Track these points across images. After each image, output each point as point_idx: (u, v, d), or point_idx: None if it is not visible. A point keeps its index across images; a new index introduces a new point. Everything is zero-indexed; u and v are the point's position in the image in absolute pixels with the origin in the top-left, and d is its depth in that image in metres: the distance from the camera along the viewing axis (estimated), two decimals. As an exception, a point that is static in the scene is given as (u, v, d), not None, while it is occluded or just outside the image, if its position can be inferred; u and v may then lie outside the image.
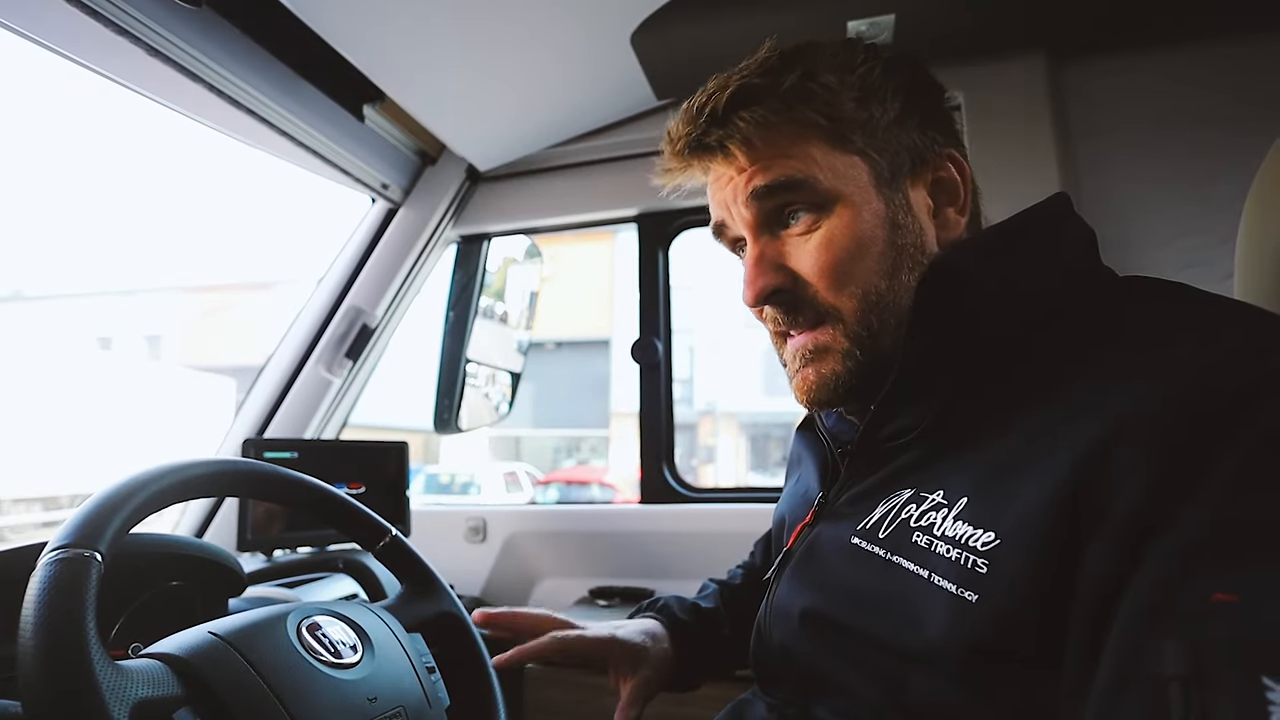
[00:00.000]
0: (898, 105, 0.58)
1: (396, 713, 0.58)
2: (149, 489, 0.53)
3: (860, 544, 0.55)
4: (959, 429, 0.51)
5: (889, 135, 0.58)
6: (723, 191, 0.62)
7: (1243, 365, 0.39)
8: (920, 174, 0.59)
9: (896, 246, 0.57)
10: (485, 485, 10.95)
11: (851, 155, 0.57)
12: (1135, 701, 0.35)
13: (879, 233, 0.56)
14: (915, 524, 0.50)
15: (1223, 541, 0.35)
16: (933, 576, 0.47)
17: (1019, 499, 0.43)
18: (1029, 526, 0.42)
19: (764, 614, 0.65)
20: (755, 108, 0.56)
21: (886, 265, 0.56)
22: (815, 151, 0.56)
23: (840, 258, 0.56)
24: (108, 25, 0.87)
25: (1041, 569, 0.41)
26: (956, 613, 0.44)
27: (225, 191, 28.22)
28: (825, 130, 0.56)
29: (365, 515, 0.73)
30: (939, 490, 0.50)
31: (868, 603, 0.52)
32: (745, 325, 13.14)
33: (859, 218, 0.56)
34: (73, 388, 8.17)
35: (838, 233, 0.56)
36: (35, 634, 0.42)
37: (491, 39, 1.10)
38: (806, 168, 0.56)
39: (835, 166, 0.56)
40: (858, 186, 0.56)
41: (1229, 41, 1.10)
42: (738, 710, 0.64)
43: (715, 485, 7.12)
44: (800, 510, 0.69)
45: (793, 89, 0.56)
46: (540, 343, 15.22)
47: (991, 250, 0.55)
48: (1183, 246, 1.09)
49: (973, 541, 0.45)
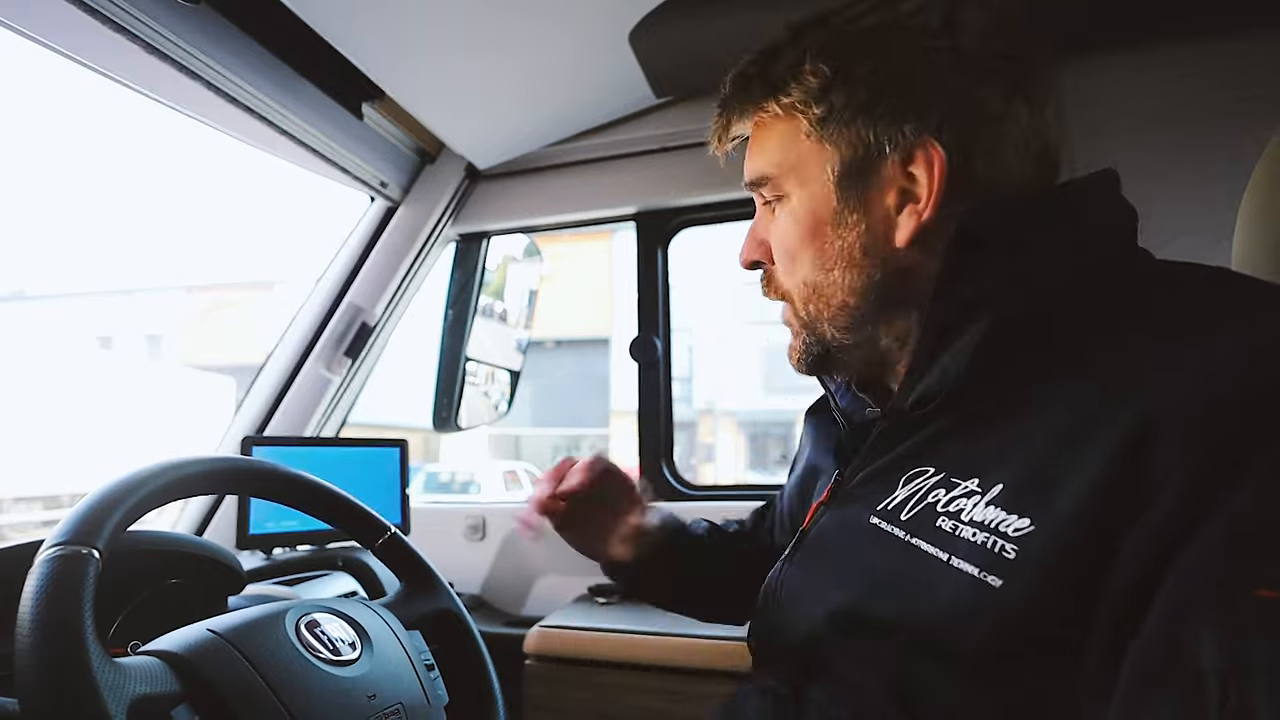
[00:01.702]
0: (865, 94, 0.55)
1: (395, 710, 0.58)
2: (147, 486, 0.53)
3: (880, 524, 0.54)
4: (989, 406, 0.49)
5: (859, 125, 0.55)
6: None
7: (1275, 360, 0.38)
8: (879, 169, 0.55)
9: (835, 245, 0.57)
10: (485, 484, 10.95)
11: (817, 144, 0.57)
12: (1172, 693, 0.34)
13: (823, 228, 0.58)
14: (942, 509, 0.49)
15: (1265, 537, 0.34)
16: (952, 560, 0.46)
17: (1057, 486, 0.42)
18: (1068, 515, 0.41)
19: (773, 589, 0.64)
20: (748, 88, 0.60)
21: (824, 259, 0.58)
22: (783, 138, 0.59)
23: (788, 247, 0.60)
24: (105, 23, 0.87)
25: (1075, 558, 0.40)
26: (977, 597, 0.44)
27: (225, 190, 28.20)
28: (793, 117, 0.58)
29: (364, 512, 0.74)
30: (973, 478, 0.48)
31: (881, 584, 0.51)
32: (744, 323, 13.14)
33: (803, 212, 0.58)
34: (73, 387, 8.17)
35: (786, 224, 0.60)
36: (32, 631, 0.42)
37: (490, 37, 1.10)
38: (766, 163, 0.60)
39: (792, 159, 0.58)
40: (808, 180, 0.58)
41: (1227, 39, 1.10)
42: (734, 701, 0.64)
43: (714, 483, 7.10)
44: (816, 490, 0.69)
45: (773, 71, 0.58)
46: (540, 341, 15.22)
47: (1019, 214, 0.52)
48: (1182, 244, 1.08)
49: (1004, 526, 0.44)
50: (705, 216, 1.44)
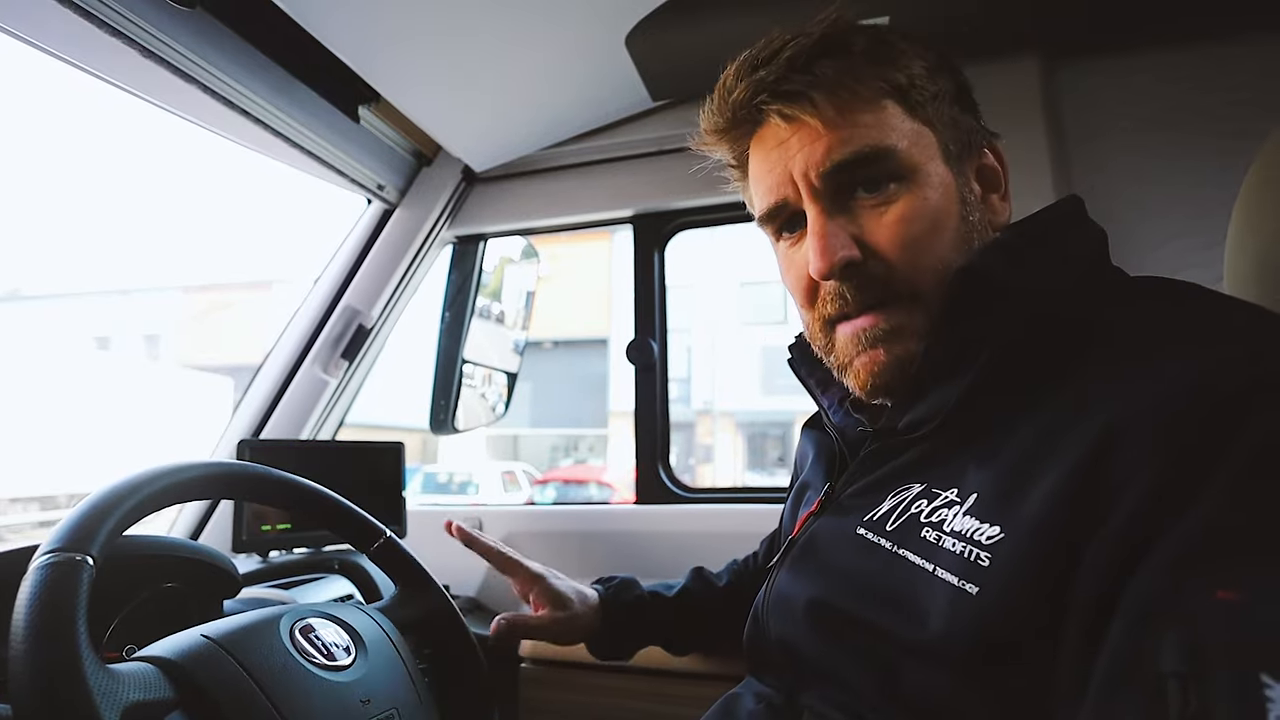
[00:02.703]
0: (953, 85, 0.58)
1: (390, 714, 0.58)
2: (142, 492, 0.53)
3: (866, 534, 0.55)
4: (974, 425, 0.51)
5: (952, 111, 0.58)
6: (788, 160, 0.56)
7: (1241, 371, 0.39)
8: (972, 156, 0.59)
9: (968, 222, 0.57)
10: (483, 484, 10.96)
11: (923, 125, 0.56)
12: (1134, 697, 0.35)
13: (953, 207, 0.56)
14: (925, 519, 0.50)
15: (1223, 543, 0.35)
16: (936, 570, 0.47)
17: (1026, 496, 0.44)
18: (1033, 522, 0.42)
19: (763, 599, 0.65)
20: (840, 58, 0.54)
21: (960, 240, 0.56)
22: (891, 116, 0.55)
23: (920, 231, 0.54)
24: (100, 26, 0.87)
25: (1042, 565, 0.41)
26: (957, 605, 0.45)
27: (223, 192, 28.15)
28: (902, 94, 0.55)
29: (359, 516, 0.74)
30: (952, 489, 0.50)
31: (870, 593, 0.52)
32: (742, 324, 13.14)
33: (934, 189, 0.55)
34: (70, 387, 8.16)
35: (916, 205, 0.54)
36: (26, 638, 0.42)
37: (487, 40, 1.10)
38: (886, 136, 0.54)
39: (910, 134, 0.55)
40: (930, 157, 0.55)
41: (1222, 43, 1.10)
42: (727, 705, 0.65)
43: (711, 485, 7.12)
44: (805, 501, 0.70)
45: (869, 49, 0.55)
46: (538, 342, 15.22)
47: (1014, 251, 0.54)
48: (1176, 248, 1.09)
49: (978, 535, 0.45)
50: (702, 219, 1.43)
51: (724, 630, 0.80)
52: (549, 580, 0.83)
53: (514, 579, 0.84)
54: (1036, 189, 1.10)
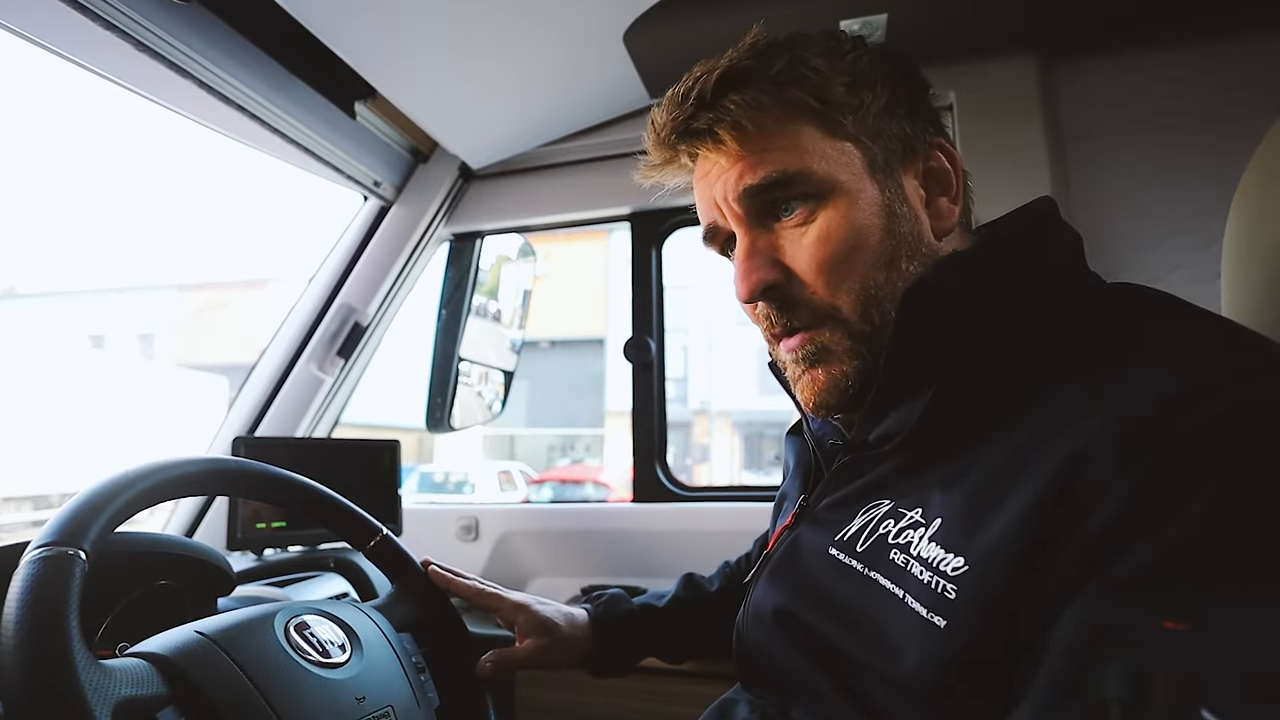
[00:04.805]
0: (886, 93, 0.57)
1: (385, 712, 0.57)
2: (135, 487, 0.53)
3: (838, 556, 0.54)
4: (941, 441, 0.51)
5: (879, 122, 0.56)
6: (711, 187, 0.59)
7: (1209, 396, 0.38)
8: (911, 163, 0.58)
9: (895, 235, 0.55)
10: (480, 484, 10.93)
11: (844, 141, 0.55)
12: (1076, 715, 0.35)
13: (876, 221, 0.55)
14: (893, 540, 0.50)
15: (1177, 570, 0.35)
16: (906, 597, 0.47)
17: (988, 526, 0.43)
18: (995, 554, 0.42)
19: (742, 615, 0.65)
20: (745, 90, 0.54)
21: (884, 256, 0.55)
22: (806, 138, 0.54)
23: (837, 251, 0.54)
24: (95, 20, 0.86)
25: (1005, 598, 0.41)
26: (926, 640, 0.44)
27: (218, 189, 28.08)
28: (817, 114, 0.55)
29: (355, 514, 0.73)
30: (917, 509, 0.49)
31: (844, 616, 0.52)
32: (739, 324, 13.15)
33: (855, 207, 0.54)
34: (65, 386, 8.13)
35: (834, 224, 0.54)
36: (16, 633, 0.41)
37: (484, 37, 1.10)
38: (799, 159, 0.54)
39: (828, 153, 0.54)
40: (852, 174, 0.55)
41: (1219, 41, 1.11)
42: (722, 708, 0.64)
43: (708, 484, 7.13)
44: (784, 513, 0.69)
45: (783, 71, 0.55)
46: (535, 341, 15.21)
47: (977, 265, 0.54)
48: (1172, 247, 1.09)
49: (944, 565, 0.45)
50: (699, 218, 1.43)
51: (718, 635, 0.79)
52: (533, 608, 0.80)
53: (498, 612, 0.81)
54: (1032, 187, 1.10)
